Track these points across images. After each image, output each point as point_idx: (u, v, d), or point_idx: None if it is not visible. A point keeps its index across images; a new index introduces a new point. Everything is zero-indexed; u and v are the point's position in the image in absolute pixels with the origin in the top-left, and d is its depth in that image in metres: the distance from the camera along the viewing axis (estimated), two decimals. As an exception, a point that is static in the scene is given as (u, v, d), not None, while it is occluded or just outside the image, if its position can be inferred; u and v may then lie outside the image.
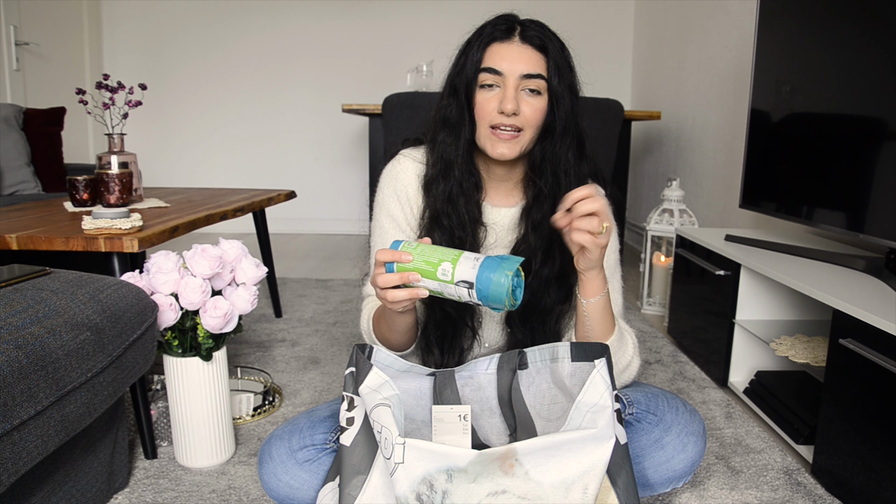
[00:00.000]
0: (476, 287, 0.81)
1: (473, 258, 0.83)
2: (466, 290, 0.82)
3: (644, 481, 1.06)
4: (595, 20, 3.97)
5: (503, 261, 0.82)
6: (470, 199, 1.06)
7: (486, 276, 0.81)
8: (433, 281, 0.84)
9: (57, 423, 0.83)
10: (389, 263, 0.86)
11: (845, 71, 1.46)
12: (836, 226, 1.47)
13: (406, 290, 0.86)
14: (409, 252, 0.85)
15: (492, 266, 0.81)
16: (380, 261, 0.87)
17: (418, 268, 0.84)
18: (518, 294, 0.84)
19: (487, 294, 0.81)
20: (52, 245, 1.24)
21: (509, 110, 0.96)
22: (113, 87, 1.79)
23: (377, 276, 0.87)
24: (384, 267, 0.87)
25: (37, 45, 3.32)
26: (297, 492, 1.00)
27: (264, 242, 2.22)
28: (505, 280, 0.80)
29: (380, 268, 0.87)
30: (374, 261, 0.88)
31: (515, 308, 0.84)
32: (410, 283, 0.86)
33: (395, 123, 2.30)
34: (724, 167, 2.69)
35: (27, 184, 2.53)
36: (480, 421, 0.90)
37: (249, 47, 4.01)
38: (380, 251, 0.87)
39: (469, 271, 0.82)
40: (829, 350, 1.23)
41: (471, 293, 0.82)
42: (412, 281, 0.85)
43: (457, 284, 0.82)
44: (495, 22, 1.02)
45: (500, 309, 0.83)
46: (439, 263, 0.83)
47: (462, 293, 0.83)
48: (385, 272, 0.86)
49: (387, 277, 0.86)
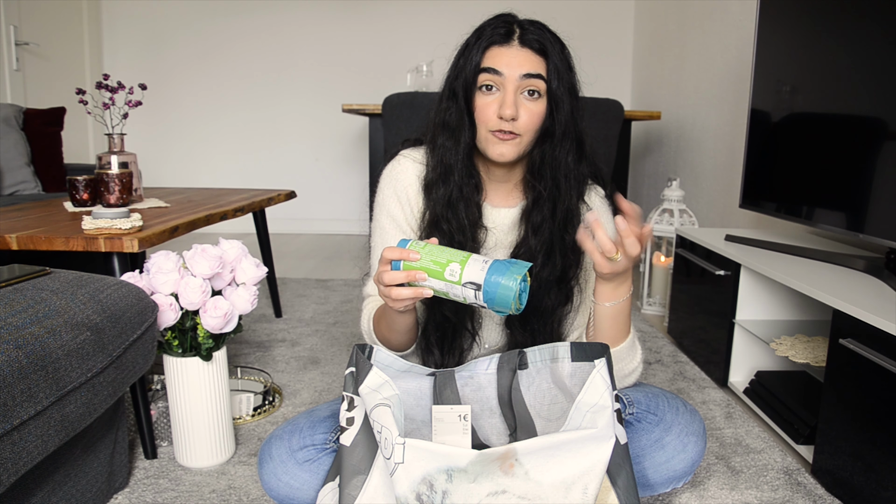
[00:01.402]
0: (484, 289, 0.81)
1: (482, 261, 0.83)
2: (473, 292, 0.82)
3: (644, 481, 1.06)
4: (595, 20, 3.97)
5: (511, 265, 0.82)
6: (470, 202, 1.05)
7: (495, 279, 0.81)
8: (439, 281, 0.84)
9: (57, 423, 0.83)
10: (396, 262, 0.86)
11: (845, 71, 1.46)
12: (836, 226, 1.47)
13: (410, 289, 0.86)
14: (416, 251, 0.85)
15: (500, 269, 0.82)
16: (386, 258, 0.87)
17: (425, 267, 0.84)
18: (523, 299, 0.84)
19: (494, 297, 0.81)
20: (52, 245, 1.24)
21: (508, 115, 0.96)
22: (113, 87, 1.79)
23: (383, 273, 0.87)
24: (390, 265, 0.87)
25: (37, 45, 3.32)
26: (297, 492, 1.00)
27: (264, 242, 2.22)
28: (514, 284, 0.80)
29: (385, 265, 0.87)
30: (377, 259, 0.89)
31: (519, 312, 0.84)
32: (416, 282, 0.86)
33: (395, 123, 2.30)
34: (724, 167, 2.69)
35: (27, 184, 2.53)
36: (480, 421, 0.90)
37: (250, 47, 4.01)
38: (387, 249, 0.87)
39: (478, 273, 0.82)
40: (829, 350, 1.23)
41: (477, 295, 0.82)
42: (418, 280, 0.85)
43: (464, 286, 0.82)
44: (494, 24, 1.00)
45: (504, 313, 0.83)
46: (448, 264, 0.83)
47: (468, 294, 0.83)
48: (391, 270, 0.86)
49: (393, 275, 0.86)
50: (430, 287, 0.85)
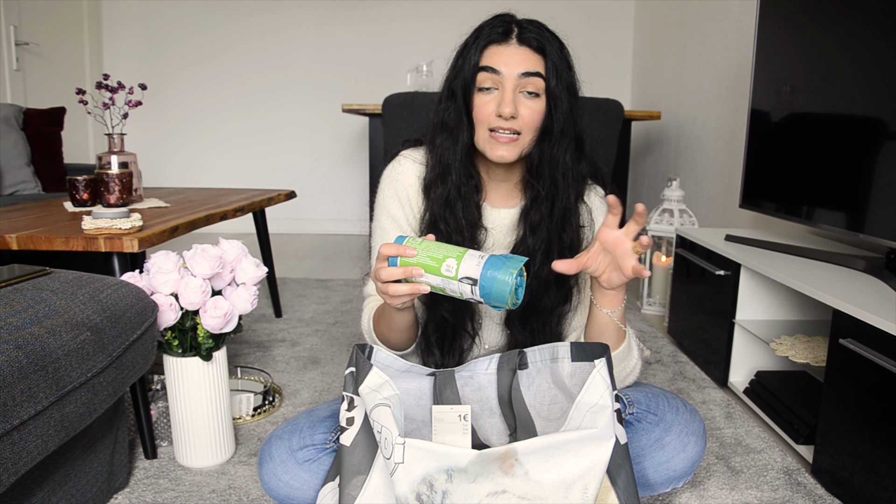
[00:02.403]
0: (480, 284, 0.81)
1: (478, 256, 0.83)
2: (469, 287, 0.82)
3: (644, 481, 1.06)
4: (595, 20, 3.97)
5: (507, 259, 0.83)
6: (469, 202, 1.05)
7: (491, 273, 0.81)
8: (436, 277, 0.84)
9: (57, 423, 0.83)
10: (393, 258, 0.86)
11: (845, 71, 1.46)
12: (836, 226, 1.47)
13: (407, 286, 0.86)
14: (413, 247, 0.86)
15: (496, 264, 0.82)
16: (383, 255, 0.87)
17: (422, 263, 0.84)
18: (520, 294, 0.84)
19: (490, 292, 0.81)
20: (52, 245, 1.24)
21: (507, 113, 0.96)
22: (113, 87, 1.79)
23: (380, 269, 0.87)
24: (387, 261, 0.87)
25: (37, 45, 3.32)
26: (297, 492, 1.00)
27: (264, 242, 2.22)
28: (509, 279, 0.80)
29: (382, 262, 0.87)
30: (377, 256, 0.89)
31: (516, 307, 0.84)
32: (413, 278, 0.86)
33: (395, 123, 2.30)
34: (724, 167, 2.69)
35: (27, 184, 2.53)
36: (480, 421, 0.90)
37: (250, 47, 4.01)
38: (384, 245, 0.87)
39: (473, 268, 0.82)
40: (829, 350, 1.23)
41: (473, 290, 0.82)
42: (415, 276, 0.85)
43: (460, 281, 0.82)
44: (492, 23, 1.01)
45: (501, 308, 0.83)
46: (444, 259, 0.83)
47: (465, 290, 0.83)
48: (388, 266, 0.87)
49: (389, 271, 0.86)
50: (427, 283, 0.85)
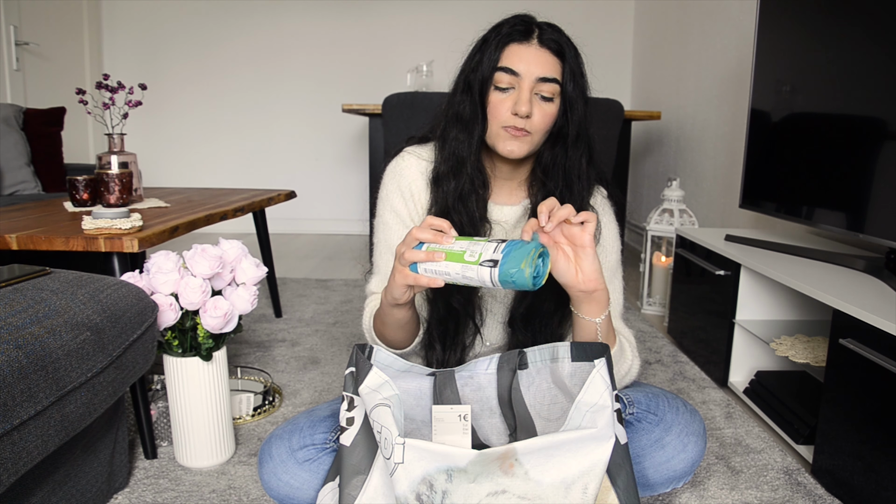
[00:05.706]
0: (500, 263, 0.82)
1: (499, 240, 0.85)
2: (489, 270, 0.82)
3: (644, 481, 1.06)
4: (595, 20, 3.97)
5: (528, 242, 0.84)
6: (478, 196, 1.06)
7: (512, 252, 0.82)
8: (457, 263, 0.84)
9: (57, 423, 0.83)
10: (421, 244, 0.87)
11: (845, 71, 1.46)
12: (836, 226, 1.47)
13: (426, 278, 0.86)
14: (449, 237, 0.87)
15: (517, 244, 0.83)
16: (415, 237, 0.87)
17: (449, 249, 0.85)
18: (540, 273, 0.84)
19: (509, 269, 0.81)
20: (52, 245, 1.24)
21: (524, 112, 0.97)
22: (113, 87, 1.79)
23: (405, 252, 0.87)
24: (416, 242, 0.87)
25: (37, 45, 3.32)
26: (297, 491, 1.00)
27: (264, 242, 2.22)
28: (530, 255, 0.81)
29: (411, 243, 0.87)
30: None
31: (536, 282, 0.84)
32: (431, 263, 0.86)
33: (395, 123, 2.30)
34: (724, 167, 2.69)
35: (27, 184, 2.53)
36: (480, 421, 0.90)
37: (249, 47, 4.01)
38: (416, 228, 0.87)
39: (494, 252, 0.83)
40: (829, 350, 1.23)
41: (493, 273, 0.82)
42: (436, 259, 0.86)
43: (481, 265, 0.83)
44: (513, 22, 1.01)
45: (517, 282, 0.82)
46: (469, 246, 0.85)
47: (483, 274, 0.83)
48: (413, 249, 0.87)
49: (413, 253, 0.86)
50: (447, 271, 0.85)
